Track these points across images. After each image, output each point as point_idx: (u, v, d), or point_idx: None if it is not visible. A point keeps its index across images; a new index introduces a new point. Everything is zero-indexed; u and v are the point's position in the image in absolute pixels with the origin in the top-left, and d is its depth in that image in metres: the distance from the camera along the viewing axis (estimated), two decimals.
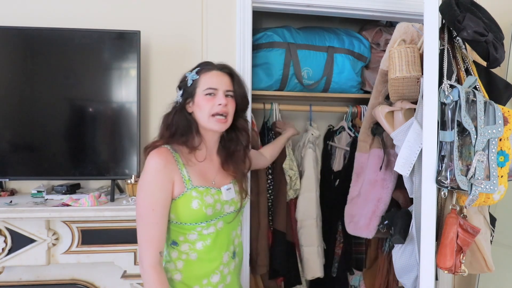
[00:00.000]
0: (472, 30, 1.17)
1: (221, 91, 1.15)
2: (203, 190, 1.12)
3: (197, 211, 1.09)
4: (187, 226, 1.12)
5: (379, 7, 1.86)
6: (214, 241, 1.14)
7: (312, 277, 1.91)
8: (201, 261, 1.13)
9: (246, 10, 1.76)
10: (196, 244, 1.13)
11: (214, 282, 1.14)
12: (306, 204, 1.93)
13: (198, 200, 1.10)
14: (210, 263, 1.14)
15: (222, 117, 1.14)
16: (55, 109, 1.60)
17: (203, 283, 1.13)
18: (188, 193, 1.10)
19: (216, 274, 1.15)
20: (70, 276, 1.66)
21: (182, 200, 1.10)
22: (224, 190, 1.17)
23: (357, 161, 1.77)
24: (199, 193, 1.11)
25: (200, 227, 1.12)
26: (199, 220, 1.11)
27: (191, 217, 1.10)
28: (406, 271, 1.48)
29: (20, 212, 1.40)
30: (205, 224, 1.12)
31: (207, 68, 1.19)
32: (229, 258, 1.19)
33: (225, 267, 1.17)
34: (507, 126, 1.17)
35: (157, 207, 1.07)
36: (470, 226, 1.18)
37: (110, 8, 1.73)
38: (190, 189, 1.10)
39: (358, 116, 2.10)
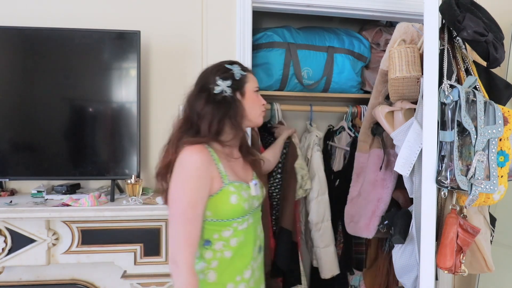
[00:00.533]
0: (472, 30, 1.17)
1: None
2: (239, 185, 1.14)
3: (236, 205, 1.10)
4: (224, 222, 1.12)
5: (379, 7, 1.86)
6: (246, 236, 1.16)
7: (331, 275, 1.93)
8: (235, 257, 1.14)
9: (246, 10, 1.76)
10: (231, 240, 1.13)
11: (246, 278, 1.15)
12: (321, 207, 1.93)
13: (236, 195, 1.11)
14: (243, 259, 1.15)
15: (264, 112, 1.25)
16: (55, 109, 1.60)
17: (237, 280, 1.13)
18: (226, 188, 1.10)
19: (248, 269, 1.16)
20: (70, 276, 1.66)
21: (221, 196, 1.10)
22: (252, 185, 1.19)
23: (357, 161, 1.77)
24: (236, 188, 1.12)
25: (236, 222, 1.13)
26: (237, 215, 1.12)
27: (230, 212, 1.11)
28: (406, 271, 1.48)
29: (20, 212, 1.40)
30: (240, 220, 1.13)
31: (246, 69, 1.23)
32: (257, 253, 1.21)
33: (254, 261, 1.19)
34: (507, 126, 1.17)
35: (197, 204, 1.06)
36: (470, 226, 1.18)
37: (110, 8, 1.73)
38: (227, 184, 1.11)
39: (358, 116, 2.10)
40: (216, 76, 1.17)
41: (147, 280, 1.56)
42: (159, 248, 1.57)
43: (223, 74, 1.17)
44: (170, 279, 1.58)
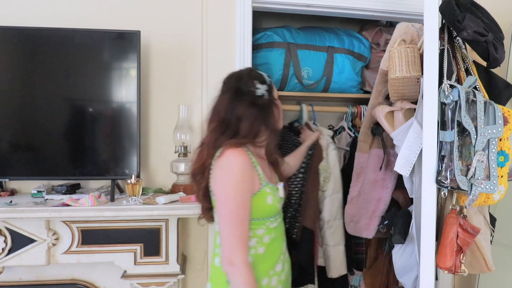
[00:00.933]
0: (472, 30, 1.17)
1: None
2: (272, 186, 1.22)
3: (271, 206, 1.18)
4: (258, 221, 1.18)
5: (379, 7, 1.86)
6: (277, 233, 1.24)
7: (338, 275, 1.91)
8: (268, 253, 1.20)
9: (246, 10, 1.76)
10: (264, 238, 1.19)
11: (278, 271, 1.22)
12: (335, 205, 1.92)
13: (272, 196, 1.19)
14: (274, 253, 1.22)
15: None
16: (55, 109, 1.60)
17: (270, 274, 1.20)
18: (264, 189, 1.17)
19: (279, 263, 1.23)
20: (70, 276, 1.66)
21: (259, 196, 1.16)
22: (280, 187, 1.28)
23: (357, 161, 1.77)
24: (271, 189, 1.20)
25: (269, 221, 1.20)
26: (271, 215, 1.20)
27: (265, 212, 1.18)
28: (406, 271, 1.48)
29: (20, 212, 1.40)
30: (273, 219, 1.21)
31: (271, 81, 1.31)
32: (285, 247, 1.30)
33: (283, 255, 1.28)
34: (507, 126, 1.17)
35: (246, 204, 1.11)
36: (470, 226, 1.18)
37: (110, 8, 1.73)
38: (264, 185, 1.18)
39: (358, 116, 2.10)
40: (254, 80, 1.21)
41: (147, 280, 1.56)
42: (159, 248, 1.57)
43: (259, 78, 1.24)
44: (170, 279, 1.58)
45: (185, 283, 1.81)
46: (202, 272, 1.85)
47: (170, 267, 1.58)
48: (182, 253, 1.80)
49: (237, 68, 1.76)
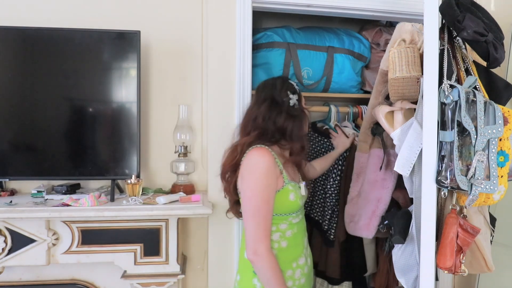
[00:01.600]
0: (472, 30, 1.17)
1: None
2: (294, 184, 1.30)
3: (293, 202, 1.26)
4: (281, 216, 1.26)
5: (379, 7, 1.85)
6: (299, 228, 1.32)
7: (370, 273, 1.95)
8: (290, 247, 1.29)
9: (246, 10, 1.76)
10: (286, 232, 1.28)
11: (301, 264, 1.30)
12: None
13: (294, 193, 1.27)
14: (297, 247, 1.31)
15: None
16: (55, 109, 1.60)
17: (293, 266, 1.28)
18: (286, 187, 1.25)
19: (302, 257, 1.32)
20: (70, 276, 1.66)
21: (282, 193, 1.24)
22: (302, 185, 1.36)
23: (357, 161, 1.77)
24: (293, 187, 1.28)
25: (291, 217, 1.29)
26: (293, 211, 1.28)
27: (287, 208, 1.26)
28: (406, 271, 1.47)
29: (20, 212, 1.40)
30: (295, 214, 1.30)
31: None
32: (307, 242, 1.39)
33: (306, 249, 1.37)
34: (507, 126, 1.17)
35: (270, 200, 1.20)
36: (470, 226, 1.18)
37: (110, 8, 1.73)
38: (287, 183, 1.26)
39: (359, 116, 2.10)
40: (287, 90, 1.32)
41: (147, 280, 1.57)
42: (159, 248, 1.57)
43: (291, 88, 1.35)
44: (170, 279, 1.58)
45: (185, 283, 1.81)
46: (202, 272, 1.85)
47: (170, 267, 1.58)
48: (182, 253, 1.80)
49: (238, 68, 1.77)
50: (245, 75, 1.76)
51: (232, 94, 1.76)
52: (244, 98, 1.76)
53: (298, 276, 1.29)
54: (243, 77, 1.76)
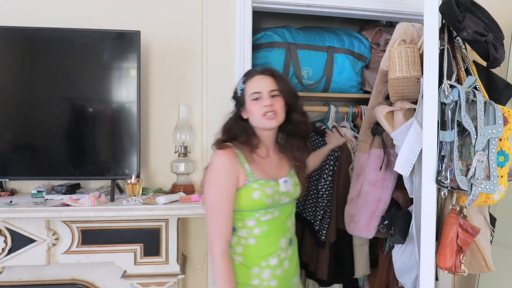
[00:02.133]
0: (472, 30, 1.17)
1: (265, 93, 1.25)
2: (264, 182, 1.23)
3: (257, 200, 1.21)
4: (246, 212, 1.23)
5: (379, 7, 1.86)
6: (271, 227, 1.25)
7: (362, 275, 1.94)
8: (259, 244, 1.23)
9: (246, 10, 1.76)
10: (254, 229, 1.23)
11: (272, 265, 1.23)
12: None
13: (259, 191, 1.21)
14: (267, 246, 1.24)
15: (271, 113, 1.24)
16: (55, 109, 1.60)
17: (262, 265, 1.23)
18: (250, 184, 1.21)
19: (273, 257, 1.24)
20: (70, 276, 1.66)
21: (245, 191, 1.21)
22: (281, 182, 1.28)
23: (357, 161, 1.77)
24: (260, 184, 1.22)
25: (258, 213, 1.23)
26: (259, 208, 1.23)
27: (251, 205, 1.22)
28: (406, 271, 1.48)
29: (20, 212, 1.40)
30: (263, 211, 1.23)
31: (250, 75, 1.30)
32: (286, 244, 1.29)
33: (282, 251, 1.27)
34: (507, 126, 1.17)
35: (225, 199, 1.19)
36: (470, 226, 1.18)
37: (110, 8, 1.73)
38: (252, 181, 1.22)
39: (359, 116, 2.10)
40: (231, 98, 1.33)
41: (147, 280, 1.56)
42: (159, 248, 1.57)
43: (233, 96, 1.33)
44: (170, 279, 1.58)
45: (185, 283, 1.81)
46: (202, 272, 1.85)
47: (170, 267, 1.58)
48: (182, 253, 1.80)
49: (238, 68, 1.77)
50: None
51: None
52: None
53: (267, 277, 1.22)
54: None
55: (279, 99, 1.26)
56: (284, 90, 1.28)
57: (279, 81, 1.28)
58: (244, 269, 1.22)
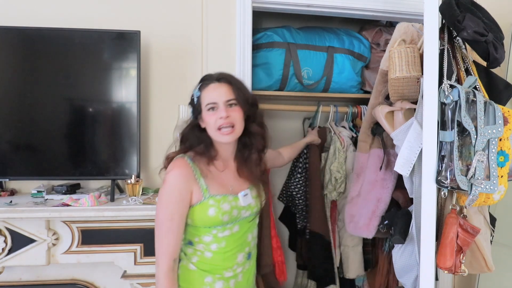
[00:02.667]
0: (472, 30, 1.17)
1: (222, 103, 1.15)
2: (220, 198, 1.16)
3: (213, 217, 1.14)
4: (203, 229, 1.17)
5: (379, 7, 1.86)
6: (229, 243, 1.19)
7: (356, 276, 1.93)
8: (215, 259, 1.18)
9: (246, 10, 1.76)
10: (211, 245, 1.18)
11: (226, 277, 1.19)
12: None
13: (215, 208, 1.14)
14: (224, 262, 1.19)
15: (227, 129, 1.15)
16: (55, 109, 1.60)
17: (216, 276, 1.18)
18: (206, 201, 1.14)
19: (228, 272, 1.20)
20: (70, 276, 1.66)
21: (199, 208, 1.14)
22: (241, 196, 1.20)
23: (357, 161, 1.77)
24: (216, 201, 1.15)
25: (215, 229, 1.17)
26: (215, 225, 1.16)
27: (207, 222, 1.15)
28: (406, 271, 1.48)
29: (20, 212, 1.40)
30: (221, 228, 1.17)
31: (205, 83, 1.19)
32: (244, 259, 1.23)
33: (238, 266, 1.22)
34: (507, 126, 1.17)
35: (175, 216, 1.12)
36: (470, 226, 1.18)
37: (110, 8, 1.73)
38: (207, 198, 1.14)
39: (358, 116, 2.10)
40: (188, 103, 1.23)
41: (147, 280, 1.56)
42: None
43: (190, 101, 1.22)
44: None
45: None
46: None
47: None
48: None
49: (238, 68, 1.77)
50: (245, 75, 1.76)
51: None
52: None
53: (220, 287, 1.18)
54: (243, 77, 1.76)
55: (237, 108, 1.16)
56: (243, 99, 1.18)
57: (236, 89, 1.17)
58: (197, 276, 1.18)
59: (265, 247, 1.83)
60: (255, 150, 1.25)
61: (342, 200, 1.93)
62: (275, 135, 2.38)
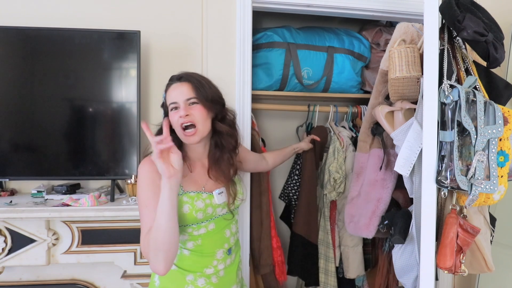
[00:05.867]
0: (472, 30, 1.17)
1: (182, 102, 1.14)
2: (194, 195, 1.15)
3: (187, 215, 1.13)
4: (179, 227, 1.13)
5: (379, 7, 1.86)
6: (205, 241, 1.19)
7: (356, 276, 1.94)
8: (193, 257, 1.18)
9: (246, 10, 1.76)
10: (187, 243, 1.18)
11: (207, 274, 1.19)
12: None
13: (189, 205, 1.13)
14: (202, 258, 1.19)
15: (190, 129, 1.14)
16: (55, 109, 1.60)
17: (197, 274, 1.18)
18: (179, 198, 1.13)
19: (209, 268, 1.19)
20: (70, 276, 1.66)
21: None
22: (215, 194, 1.20)
23: (357, 161, 1.77)
24: (190, 198, 1.14)
25: (191, 228, 1.17)
26: (189, 222, 1.15)
27: (181, 220, 1.14)
28: (406, 271, 1.48)
29: (20, 212, 1.40)
30: (195, 226, 1.17)
31: (169, 83, 1.20)
32: (224, 254, 1.23)
33: (219, 262, 1.22)
34: (507, 126, 1.17)
35: (149, 204, 1.07)
36: (470, 226, 1.18)
37: (110, 8, 1.73)
38: (181, 194, 1.13)
39: (358, 116, 2.10)
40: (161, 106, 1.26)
41: (147, 280, 1.56)
42: None
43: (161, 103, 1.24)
44: None
45: None
46: None
47: None
48: None
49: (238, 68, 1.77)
50: (245, 75, 1.76)
51: (232, 94, 1.76)
52: (244, 98, 1.76)
53: (202, 284, 1.17)
54: (243, 77, 1.76)
55: (198, 106, 1.15)
56: (204, 96, 1.16)
57: (196, 88, 1.16)
58: (178, 275, 1.17)
59: (265, 247, 1.84)
60: (225, 150, 1.24)
61: (342, 200, 1.93)
62: (275, 135, 2.40)
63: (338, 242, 1.97)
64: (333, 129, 1.99)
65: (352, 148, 1.93)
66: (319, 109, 2.06)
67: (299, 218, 1.91)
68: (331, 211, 1.98)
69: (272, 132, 2.41)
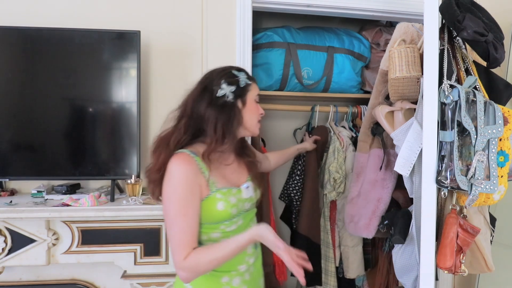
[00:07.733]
0: (472, 30, 1.17)
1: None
2: (226, 191, 1.15)
3: (223, 212, 1.13)
4: (211, 225, 1.15)
5: (379, 7, 1.86)
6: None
7: (356, 276, 1.93)
8: None
9: (246, 10, 1.76)
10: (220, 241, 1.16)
11: (241, 271, 1.19)
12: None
13: (223, 201, 1.13)
14: (236, 256, 1.16)
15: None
16: (55, 109, 1.60)
17: (232, 273, 1.18)
18: (213, 195, 1.12)
19: (242, 264, 1.19)
20: (70, 276, 1.66)
21: (207, 203, 1.12)
22: (243, 188, 1.21)
23: (357, 161, 1.77)
24: (223, 194, 1.14)
25: (223, 225, 1.16)
26: (223, 219, 1.15)
27: (216, 217, 1.14)
28: (406, 271, 1.48)
29: (20, 212, 1.40)
30: (228, 222, 1.16)
31: (250, 77, 1.23)
32: (253, 249, 1.25)
33: (250, 257, 1.23)
34: (507, 126, 1.17)
35: (189, 211, 1.07)
36: (470, 226, 1.18)
37: (110, 8, 1.73)
38: (214, 191, 1.13)
39: (358, 116, 2.10)
40: (222, 79, 1.16)
41: (147, 280, 1.57)
42: (159, 248, 1.57)
43: (229, 79, 1.16)
44: (170, 279, 1.58)
45: None
46: None
47: (170, 267, 1.58)
48: None
49: None
50: None
51: None
52: None
53: (238, 284, 1.18)
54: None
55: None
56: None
57: None
58: (213, 279, 1.15)
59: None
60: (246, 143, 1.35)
61: (342, 200, 1.93)
62: (275, 135, 2.40)
63: (338, 242, 1.97)
64: (333, 129, 1.99)
65: (352, 148, 1.92)
66: (319, 109, 2.06)
67: (303, 219, 1.90)
68: (331, 211, 1.97)
69: (272, 132, 2.41)
